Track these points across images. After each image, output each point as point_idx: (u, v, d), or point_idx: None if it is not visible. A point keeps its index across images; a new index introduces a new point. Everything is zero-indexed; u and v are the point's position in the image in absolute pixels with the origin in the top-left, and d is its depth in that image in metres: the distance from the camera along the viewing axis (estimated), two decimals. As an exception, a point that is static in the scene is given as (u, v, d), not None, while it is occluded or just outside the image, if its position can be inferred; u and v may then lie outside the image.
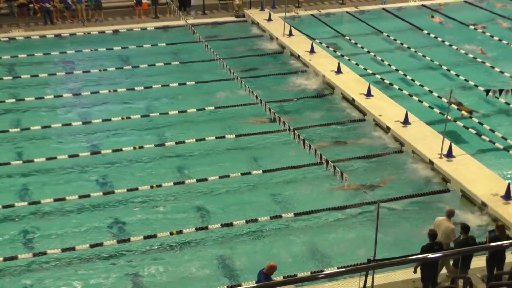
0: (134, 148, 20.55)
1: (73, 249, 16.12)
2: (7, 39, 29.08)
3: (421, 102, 23.69)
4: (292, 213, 17.65)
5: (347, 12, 33.37)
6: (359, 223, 17.55)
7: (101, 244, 16.29)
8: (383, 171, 19.82)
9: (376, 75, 25.99)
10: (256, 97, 22.69)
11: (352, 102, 23.60)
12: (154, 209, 17.85)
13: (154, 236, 16.61)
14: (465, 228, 14.23)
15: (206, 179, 19.04)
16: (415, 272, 14.00)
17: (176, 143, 20.93)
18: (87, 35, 29.89)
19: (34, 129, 21.61)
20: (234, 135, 21.52)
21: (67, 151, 20.37)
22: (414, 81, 25.44)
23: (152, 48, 28.57)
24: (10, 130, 21.55)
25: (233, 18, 32.48)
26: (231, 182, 19.09)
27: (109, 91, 24.43)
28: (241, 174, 19.40)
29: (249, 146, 21.03)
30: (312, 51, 27.38)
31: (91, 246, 16.23)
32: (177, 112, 22.92)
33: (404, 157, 20.42)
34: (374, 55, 27.93)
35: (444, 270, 14.72)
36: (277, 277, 15.07)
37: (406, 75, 25.96)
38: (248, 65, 27.18)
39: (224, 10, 33.45)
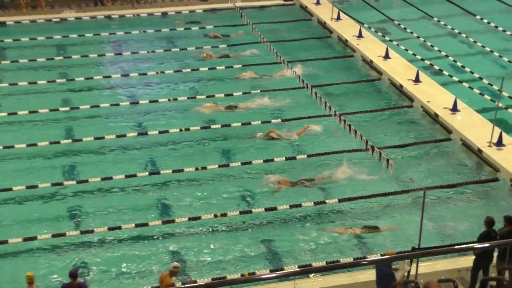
0: (180, 130, 20.70)
1: (119, 228, 16.39)
2: (58, 19, 29.55)
3: (471, 88, 23.22)
4: (336, 199, 17.57)
5: (397, -4, 32.88)
6: (404, 211, 17.36)
7: (146, 224, 16.51)
8: (430, 159, 19.53)
9: (425, 61, 25.54)
10: (303, 81, 22.58)
11: (399, 88, 23.28)
12: (199, 191, 17.95)
13: (199, 218, 16.76)
14: (509, 219, 13.93)
15: (250, 162, 19.08)
16: None
17: (222, 126, 21.00)
18: (136, 17, 30.14)
19: (83, 108, 21.97)
20: (280, 120, 21.47)
21: (115, 131, 20.66)
22: (464, 67, 24.91)
23: (200, 31, 28.65)
24: (60, 109, 21.94)
25: (281, 1, 32.27)
26: (276, 166, 19.09)
27: (157, 72, 24.63)
28: (286, 158, 19.38)
29: (294, 130, 20.92)
30: (360, 35, 27.06)
31: (136, 225, 16.47)
32: (223, 95, 22.98)
33: (452, 144, 20.08)
34: (424, 41, 27.44)
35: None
36: (318, 263, 15.10)
37: (456, 61, 25.45)
38: (295, 49, 27.04)
39: (271, -7, 33.28)
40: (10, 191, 17.63)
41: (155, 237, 16.29)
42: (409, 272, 13.81)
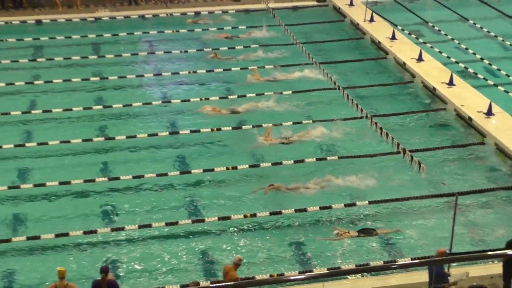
0: (212, 130, 20.77)
1: (149, 226, 16.51)
2: (93, 18, 29.89)
3: (507, 92, 22.88)
4: (367, 201, 17.46)
5: (432, -2, 32.55)
6: (435, 215, 17.18)
7: (176, 223, 16.60)
8: (463, 163, 19.30)
9: (460, 64, 25.24)
10: (334, 83, 22.51)
11: (433, 91, 23.05)
12: (229, 191, 17.98)
13: (228, 217, 16.80)
14: None
15: (280, 163, 19.06)
16: None
17: (253, 126, 21.02)
18: (169, 16, 30.34)
19: (116, 107, 22.17)
20: (311, 120, 21.41)
21: (147, 130, 20.81)
22: (499, 70, 24.56)
23: (232, 31, 28.72)
24: (94, 107, 22.19)
25: (314, 3, 32.19)
26: (306, 167, 19.04)
27: (189, 72, 24.75)
28: (316, 159, 19.32)
29: (326, 132, 20.85)
30: (393, 37, 26.85)
31: (167, 224, 16.57)
32: (254, 94, 23.00)
33: (486, 149, 19.81)
34: (459, 43, 27.12)
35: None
36: (347, 266, 15.03)
37: (491, 64, 25.11)
38: (327, 50, 26.94)
39: (302, -6, 33.22)
40: (43, 186, 17.88)
41: (185, 236, 16.35)
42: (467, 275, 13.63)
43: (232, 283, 7.54)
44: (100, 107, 22.24)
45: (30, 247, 15.82)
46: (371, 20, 28.69)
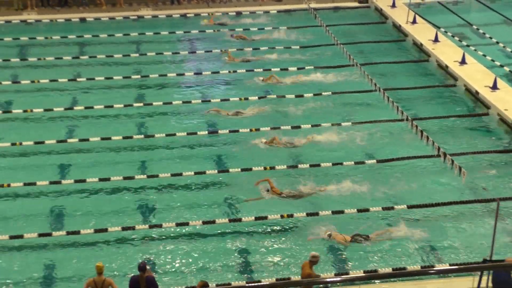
0: (251, 130, 20.79)
1: (186, 224, 16.61)
2: (136, 17, 30.24)
3: (552, 98, 22.41)
4: (405, 205, 17.27)
5: (476, 0, 31.99)
6: (476, 220, 16.90)
7: (213, 222, 16.67)
8: (505, 169, 18.94)
9: (505, 68, 24.79)
10: (375, 85, 22.33)
11: (475, 94, 22.68)
12: (266, 191, 17.95)
13: (265, 217, 16.80)
14: None
15: (319, 165, 18.98)
16: None
17: (292, 127, 20.97)
18: (210, 16, 30.46)
19: (156, 105, 22.36)
20: (350, 123, 21.27)
21: (186, 128, 20.95)
22: (546, 75, 24.10)
23: (273, 31, 28.71)
24: (134, 104, 22.43)
25: (356, 4, 32.01)
26: (344, 169, 18.91)
27: (229, 71, 24.83)
28: (355, 163, 19.17)
29: (365, 134, 20.70)
30: (436, 40, 26.51)
31: (204, 222, 16.64)
32: (293, 96, 22.95)
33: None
34: (504, 46, 26.63)
35: None
36: (383, 269, 14.89)
37: (537, 69, 24.63)
38: (368, 51, 26.75)
39: (348, -5, 33.06)
40: (84, 182, 18.14)
41: (221, 235, 16.40)
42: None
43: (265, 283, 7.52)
44: (141, 104, 22.46)
45: (70, 241, 16.06)
46: (414, 22, 28.38)
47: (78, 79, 24.25)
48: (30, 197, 17.73)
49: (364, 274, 14.42)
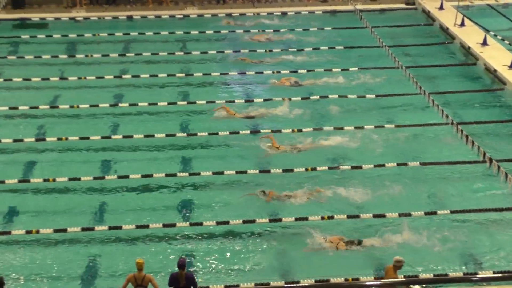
0: (293, 130, 20.74)
1: (227, 223, 16.65)
2: (181, 16, 30.50)
3: None
4: (448, 211, 17.00)
5: (528, 3, 31.38)
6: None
7: (253, 221, 16.67)
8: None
9: (555, 73, 24.20)
10: (420, 87, 22.05)
11: (524, 99, 22.23)
12: (308, 191, 17.88)
13: (306, 218, 16.74)
14: None
15: (360, 167, 18.82)
16: None
17: (335, 128, 20.86)
18: (256, 16, 30.54)
19: (200, 103, 22.49)
20: (393, 125, 21.05)
21: (229, 127, 21.01)
22: None
23: (318, 32, 28.61)
24: (178, 103, 22.60)
25: (403, 5, 31.67)
26: (386, 172, 18.72)
27: (272, 72, 24.82)
28: (397, 164, 18.96)
29: (408, 137, 20.47)
30: (484, 43, 26.03)
31: (244, 222, 16.66)
32: (337, 96, 22.82)
33: None
34: (555, 52, 26.01)
35: None
36: (426, 274, 14.69)
37: None
38: (414, 54, 26.41)
39: (394, -4, 32.73)
40: (127, 178, 18.36)
41: (261, 235, 16.39)
42: None
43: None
44: (185, 103, 22.62)
45: (112, 236, 16.27)
46: (462, 24, 27.92)
47: (123, 76, 24.57)
48: (74, 192, 18.02)
49: (404, 279, 14.25)
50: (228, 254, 15.77)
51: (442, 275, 14.56)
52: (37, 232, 16.20)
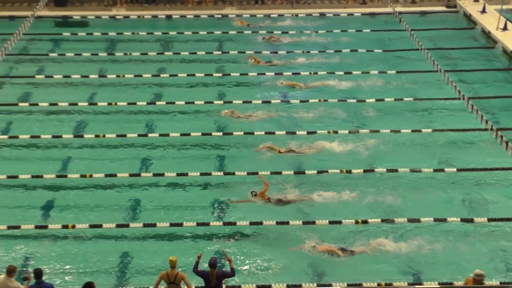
0: (328, 132, 20.66)
1: (260, 223, 16.64)
2: (220, 16, 30.62)
3: None
4: (486, 218, 16.73)
5: None
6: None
7: (287, 223, 16.61)
8: None
9: None
10: (459, 92, 21.75)
11: None
12: (342, 196, 17.78)
13: (339, 222, 16.65)
14: None
15: (396, 170, 18.65)
16: None
17: (371, 131, 20.71)
18: (294, 17, 30.49)
19: (236, 103, 22.53)
20: (430, 129, 20.80)
21: (264, 127, 21.00)
22: None
23: (357, 34, 28.44)
24: (214, 102, 22.68)
25: (444, 8, 31.28)
26: (422, 177, 18.51)
27: (310, 73, 24.74)
28: (434, 170, 18.74)
29: (445, 141, 20.21)
30: (527, 48, 25.59)
31: (278, 223, 16.59)
32: (374, 100, 22.65)
33: None
34: None
35: None
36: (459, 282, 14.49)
37: None
38: (454, 58, 26.06)
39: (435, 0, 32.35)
40: (162, 176, 18.51)
41: (295, 236, 16.32)
42: None
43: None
44: (221, 102, 22.69)
45: (146, 234, 16.42)
46: (504, 28, 27.44)
47: (161, 75, 24.77)
48: (110, 188, 18.23)
49: (439, 285, 14.09)
50: (259, 255, 15.75)
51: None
52: (73, 227, 16.45)
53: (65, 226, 16.47)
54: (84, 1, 32.09)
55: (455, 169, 18.73)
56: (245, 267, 15.39)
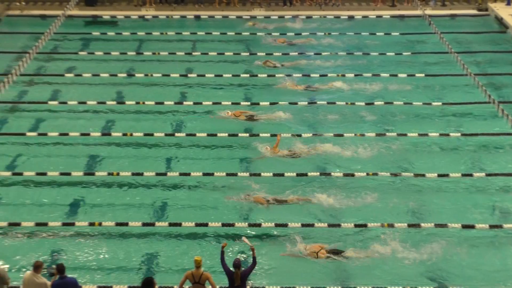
0: (355, 135, 20.55)
1: (285, 225, 16.57)
2: (248, 17, 30.64)
3: None
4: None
5: None
6: None
7: (312, 225, 16.57)
8: None
9: None
10: (489, 96, 21.49)
11: None
12: (370, 196, 17.69)
13: (365, 225, 16.54)
14: None
15: (423, 175, 18.49)
16: None
17: (398, 135, 20.55)
18: (322, 19, 30.40)
19: (263, 104, 22.45)
20: (459, 134, 20.59)
21: (289, 129, 20.93)
22: None
23: (385, 37, 28.26)
24: (241, 103, 22.64)
25: (475, 11, 30.93)
26: (449, 182, 18.32)
27: (337, 75, 24.63)
28: (462, 175, 18.53)
29: (474, 146, 19.99)
30: (560, 53, 25.20)
31: (303, 225, 16.55)
32: (402, 103, 22.48)
33: None
34: None
35: None
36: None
37: None
38: (485, 61, 25.75)
39: (466, 2, 31.96)
40: (188, 176, 18.56)
41: (321, 238, 16.26)
42: None
43: None
44: (248, 103, 22.69)
45: (171, 233, 16.48)
46: (537, 32, 27.10)
47: (189, 75, 24.86)
48: (137, 187, 18.34)
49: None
50: (282, 256, 15.71)
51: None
52: (100, 224, 16.58)
53: (91, 224, 16.60)
54: (113, 1, 32.35)
55: (483, 174, 18.50)
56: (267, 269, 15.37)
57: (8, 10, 31.03)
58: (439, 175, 18.45)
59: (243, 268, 13.59)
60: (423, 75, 24.50)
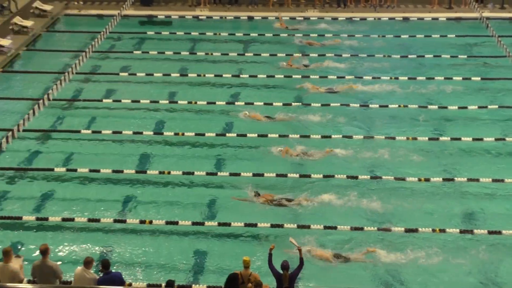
0: (407, 138, 20.28)
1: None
2: (302, 18, 30.57)
3: None
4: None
5: None
6: None
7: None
8: None
9: None
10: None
11: None
12: (420, 203, 17.45)
13: (416, 230, 16.31)
14: None
15: (477, 180, 18.13)
16: None
17: (452, 139, 20.19)
18: (377, 21, 30.12)
19: (314, 105, 22.42)
20: (506, 138, 20.15)
21: (340, 131, 20.83)
22: None
23: (441, 39, 27.79)
24: (293, 104, 22.64)
25: (536, 14, 30.18)
26: (505, 187, 17.91)
27: (390, 78, 24.36)
28: (492, 180, 18.16)
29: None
30: None
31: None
32: (457, 107, 22.08)
33: None
34: None
35: None
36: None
37: None
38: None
39: (526, 5, 31.23)
40: (238, 176, 18.63)
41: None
42: None
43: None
44: (299, 104, 22.64)
45: (220, 233, 16.55)
46: None
47: (241, 75, 24.95)
48: (187, 186, 18.50)
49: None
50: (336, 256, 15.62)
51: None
52: (150, 222, 16.77)
53: (142, 222, 16.82)
54: (168, 1, 32.76)
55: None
56: (310, 270, 15.29)
57: (66, 9, 31.78)
58: (493, 180, 18.05)
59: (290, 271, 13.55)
60: (478, 78, 24.00)
